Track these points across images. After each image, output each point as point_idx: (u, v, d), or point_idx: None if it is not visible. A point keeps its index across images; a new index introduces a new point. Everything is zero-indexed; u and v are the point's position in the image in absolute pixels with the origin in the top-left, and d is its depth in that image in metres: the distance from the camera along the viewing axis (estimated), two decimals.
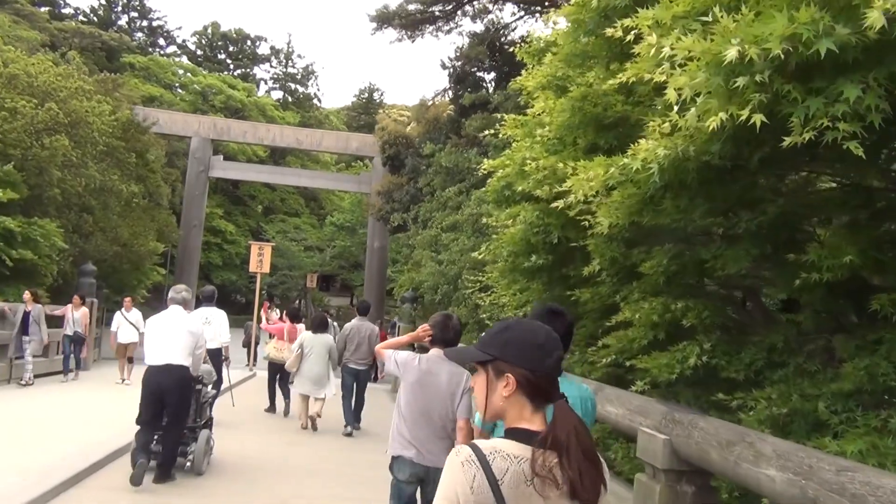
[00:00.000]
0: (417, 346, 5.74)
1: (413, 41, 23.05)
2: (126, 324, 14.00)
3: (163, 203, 27.48)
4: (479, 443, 1.58)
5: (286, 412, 11.37)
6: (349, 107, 68.90)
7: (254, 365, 19.04)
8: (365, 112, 63.48)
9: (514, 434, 1.58)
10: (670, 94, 2.67)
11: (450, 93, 22.29)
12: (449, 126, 20.97)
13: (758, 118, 2.41)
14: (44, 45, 33.93)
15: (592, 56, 4.88)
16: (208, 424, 7.40)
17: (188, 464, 6.92)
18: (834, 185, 4.03)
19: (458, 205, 16.27)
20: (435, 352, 4.13)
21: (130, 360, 13.88)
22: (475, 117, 17.80)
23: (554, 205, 4.21)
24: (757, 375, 4.53)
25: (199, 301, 10.09)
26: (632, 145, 3.50)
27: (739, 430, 2.85)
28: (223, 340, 9.89)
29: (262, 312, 16.44)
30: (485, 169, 8.20)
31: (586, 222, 4.92)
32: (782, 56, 2.28)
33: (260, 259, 19.84)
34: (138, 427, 6.41)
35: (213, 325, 9.51)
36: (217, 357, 9.51)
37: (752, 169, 3.35)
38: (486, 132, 16.76)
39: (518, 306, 9.51)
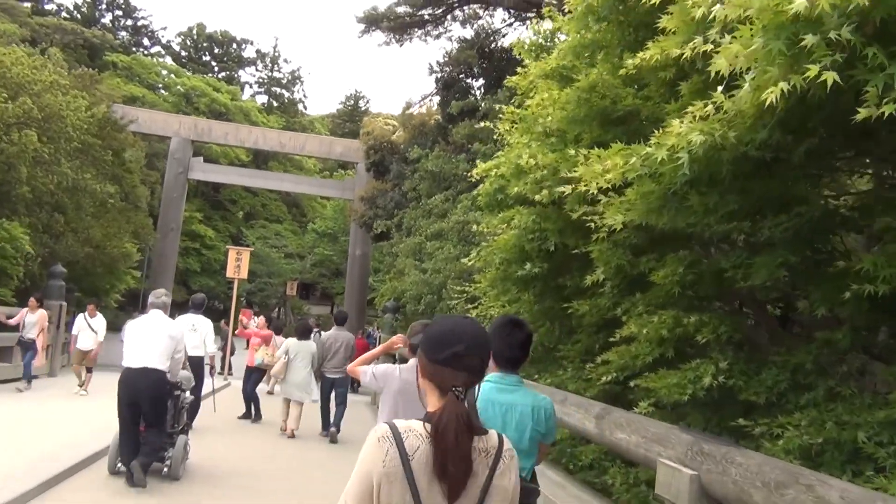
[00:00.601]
0: (398, 357, 5.39)
1: (401, 45, 22.63)
2: (87, 329, 13.12)
3: (141, 205, 26.78)
4: (398, 422, 1.76)
5: (258, 417, 11.69)
6: (334, 114, 68.38)
7: (229, 374, 18.43)
8: (350, 119, 62.94)
9: (427, 417, 1.77)
10: (720, 65, 2.21)
11: (437, 98, 21.85)
12: (436, 132, 20.52)
13: (830, 76, 1.95)
14: (24, 40, 33.10)
15: (603, 46, 4.43)
16: (185, 430, 7.44)
17: (165, 469, 6.94)
18: (872, 185, 3.59)
19: (444, 212, 15.80)
20: (414, 361, 3.88)
21: (89, 370, 13.00)
22: (463, 124, 17.36)
23: (561, 189, 3.71)
24: (779, 399, 4.08)
25: (188, 307, 10.04)
26: (656, 132, 3.03)
27: (791, 469, 2.37)
28: (210, 350, 9.93)
29: (241, 318, 15.72)
30: (477, 173, 7.74)
31: (592, 225, 4.46)
32: (866, 1, 1.82)
33: (238, 264, 19.25)
34: (118, 429, 6.50)
35: (199, 332, 9.54)
36: (200, 365, 9.47)
37: (795, 162, 2.90)
38: (477, 144, 16.38)
39: None
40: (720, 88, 2.44)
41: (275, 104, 63.29)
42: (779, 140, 2.63)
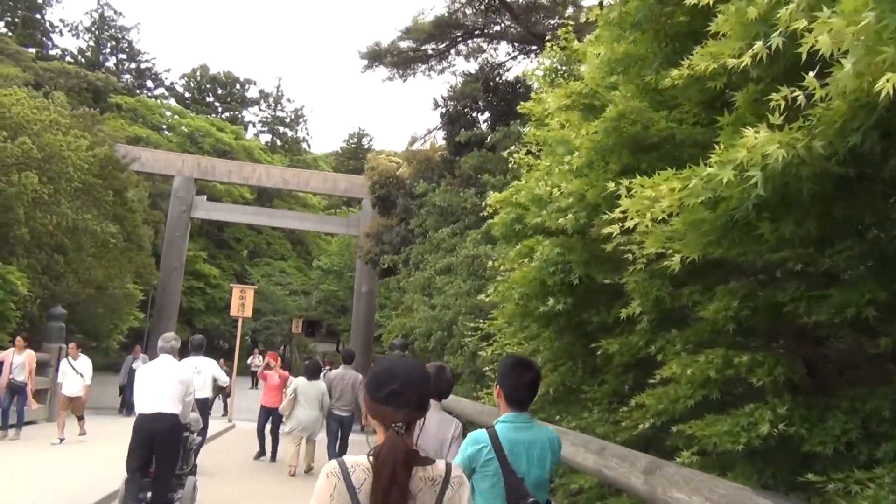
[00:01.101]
0: None
1: (405, 80, 22.49)
2: (72, 373, 12.23)
3: (144, 245, 26.48)
4: (346, 458, 1.93)
5: (273, 457, 11.88)
6: (338, 152, 68.59)
7: (231, 416, 17.93)
8: (353, 157, 63.09)
9: (371, 451, 1.92)
10: (822, 43, 1.80)
11: (442, 133, 21.64)
12: (442, 166, 20.23)
13: None
14: (27, 84, 33.17)
15: (637, 59, 4.05)
16: (193, 471, 7.74)
17: None
18: None
19: (453, 247, 15.39)
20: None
21: (80, 417, 12.33)
22: (471, 155, 17.05)
23: (607, 230, 3.29)
24: (849, 449, 3.62)
25: (188, 350, 10.03)
26: (717, 149, 2.62)
27: None
28: (222, 381, 10.51)
29: (268, 360, 14.71)
30: (491, 204, 7.34)
31: (629, 256, 4.04)
32: None
33: (242, 303, 18.83)
34: (127, 475, 6.58)
35: (203, 374, 9.79)
36: (206, 406, 9.86)
37: (884, 177, 2.49)
38: (486, 176, 16.04)
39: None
40: (811, 74, 2.03)
41: (278, 143, 63.53)
42: (870, 149, 2.23)
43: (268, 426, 12.19)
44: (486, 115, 21.59)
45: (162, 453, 6.68)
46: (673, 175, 2.82)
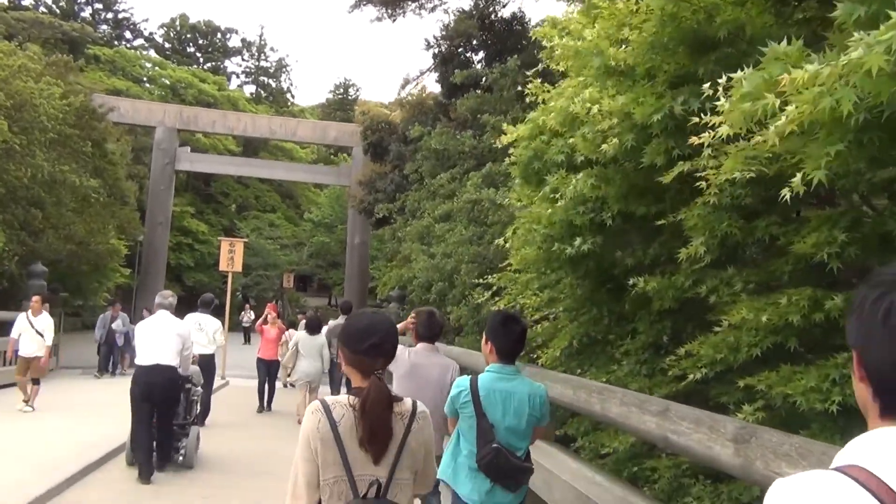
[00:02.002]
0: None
1: (394, 20, 21.35)
2: (30, 331, 10.67)
3: (129, 200, 25.51)
4: (327, 398, 2.29)
5: (269, 407, 12.54)
6: (324, 104, 66.98)
7: (224, 373, 17.33)
8: (340, 108, 61.55)
9: (353, 391, 2.27)
10: None
11: (434, 75, 20.64)
12: (436, 110, 19.34)
13: None
14: None
15: None
16: (196, 421, 8.06)
17: (180, 458, 7.48)
18: None
19: (451, 192, 14.63)
20: (421, 346, 4.62)
21: (36, 381, 10.65)
22: (468, 97, 16.15)
23: (699, 140, 2.57)
24: None
25: (196, 307, 10.39)
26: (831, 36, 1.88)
27: None
28: (219, 342, 10.55)
29: (267, 312, 14.12)
30: (506, 140, 6.58)
31: (702, 183, 3.32)
32: None
33: (231, 256, 18.10)
34: (132, 426, 7.01)
35: (206, 331, 9.88)
36: (210, 363, 9.99)
37: None
38: (486, 117, 15.17)
39: (536, 308, 7.90)
40: None
41: (263, 94, 61.94)
42: None
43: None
44: (481, 54, 20.58)
45: (161, 404, 7.07)
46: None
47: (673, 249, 5.04)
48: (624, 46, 4.14)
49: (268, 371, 12.63)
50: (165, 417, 7.17)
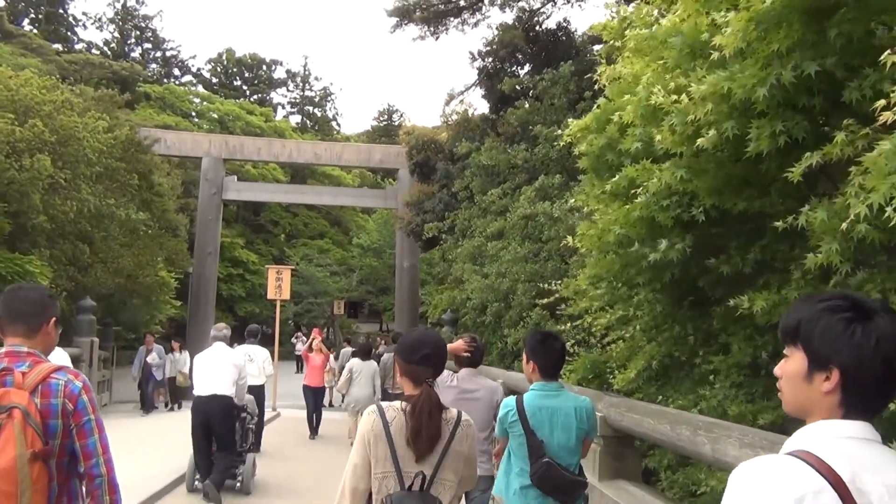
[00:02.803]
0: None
1: (437, 38, 20.89)
2: None
3: (180, 233, 25.48)
4: (383, 403, 2.62)
5: (315, 433, 12.54)
6: (369, 131, 67.23)
7: (274, 403, 16.84)
8: (385, 135, 61.63)
9: (405, 397, 2.60)
10: None
11: (479, 90, 20.06)
12: (482, 125, 18.75)
13: None
14: (50, 75, 32.44)
15: None
16: (252, 449, 8.42)
17: (237, 484, 7.79)
18: None
19: (503, 209, 13.94)
20: (465, 371, 4.68)
21: None
22: (517, 107, 15.48)
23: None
24: None
25: (244, 338, 10.52)
26: None
27: None
28: (269, 372, 10.74)
29: (314, 336, 14.38)
30: (569, 134, 5.88)
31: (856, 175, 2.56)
32: None
33: (279, 284, 17.69)
34: (193, 454, 7.44)
35: (256, 362, 10.06)
36: (260, 393, 10.11)
37: None
38: (539, 128, 14.47)
39: (607, 327, 7.13)
40: None
41: (308, 123, 62.46)
42: None
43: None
44: (527, 67, 19.96)
45: (219, 432, 7.34)
46: None
47: (779, 254, 4.25)
48: (715, 23, 3.42)
49: (314, 398, 12.77)
50: (224, 446, 7.42)
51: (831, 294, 1.43)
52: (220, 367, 7.41)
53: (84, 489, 2.61)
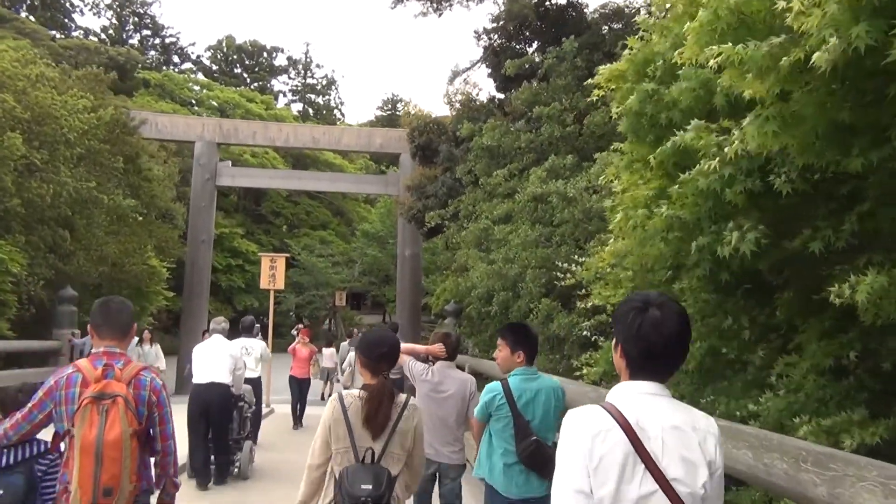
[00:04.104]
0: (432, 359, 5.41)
1: (440, 14, 19.83)
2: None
3: (177, 222, 24.44)
4: (343, 391, 3.19)
5: (300, 423, 13.04)
6: (373, 120, 66.12)
7: (269, 399, 15.89)
8: (389, 124, 60.45)
9: (364, 386, 3.14)
10: None
11: (486, 70, 18.96)
12: (489, 105, 17.68)
13: None
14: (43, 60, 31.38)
15: None
16: (250, 436, 8.72)
17: (235, 470, 8.16)
18: None
19: (511, 191, 12.89)
20: (441, 363, 5.01)
21: None
22: (523, 89, 14.40)
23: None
24: None
25: (239, 331, 10.36)
26: None
27: None
28: (266, 357, 10.78)
29: (302, 336, 14.19)
30: (600, 84, 4.82)
31: None
32: None
33: (272, 273, 16.70)
34: (190, 443, 7.64)
35: (253, 354, 10.03)
36: (258, 385, 10.17)
37: None
38: (540, 108, 13.41)
39: None
40: None
41: (311, 112, 61.38)
42: None
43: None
44: (535, 46, 18.86)
45: (217, 419, 7.63)
46: None
47: (884, 225, 3.21)
48: None
49: (300, 388, 13.27)
50: (220, 432, 7.70)
51: (642, 293, 2.03)
52: (218, 357, 7.73)
53: (152, 461, 3.43)
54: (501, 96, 18.06)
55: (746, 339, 4.68)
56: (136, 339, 15.37)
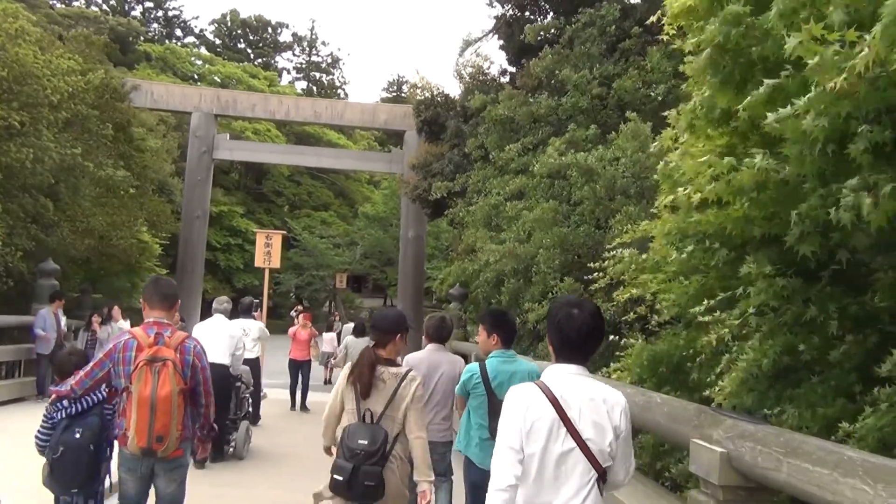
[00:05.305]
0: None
1: None
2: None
3: (175, 198, 23.51)
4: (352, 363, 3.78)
5: (304, 406, 13.23)
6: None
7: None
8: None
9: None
10: None
11: (497, 39, 17.92)
12: (499, 78, 16.69)
13: None
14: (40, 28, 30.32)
15: None
16: (247, 417, 8.85)
17: (231, 450, 8.26)
18: None
19: (524, 167, 11.93)
20: (432, 346, 5.33)
21: None
22: (545, 52, 13.33)
23: None
24: None
25: (238, 312, 10.23)
26: None
27: None
28: (265, 336, 10.94)
29: (305, 320, 13.83)
30: (669, 20, 3.85)
31: None
32: None
33: (268, 251, 15.81)
34: None
35: (251, 335, 9.89)
36: (256, 366, 10.18)
37: None
38: (566, 72, 12.34)
39: (680, 305, 5.14)
40: None
41: (314, 90, 60.16)
42: None
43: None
44: (549, 18, 17.80)
45: (215, 399, 8.21)
46: None
47: None
48: None
49: (300, 371, 13.24)
50: (218, 412, 7.97)
51: (573, 297, 3.00)
52: (218, 338, 7.68)
53: (194, 413, 4.18)
54: (513, 70, 17.04)
55: (832, 333, 3.75)
56: (100, 318, 14.32)
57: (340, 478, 3.43)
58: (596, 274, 6.37)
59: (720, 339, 4.29)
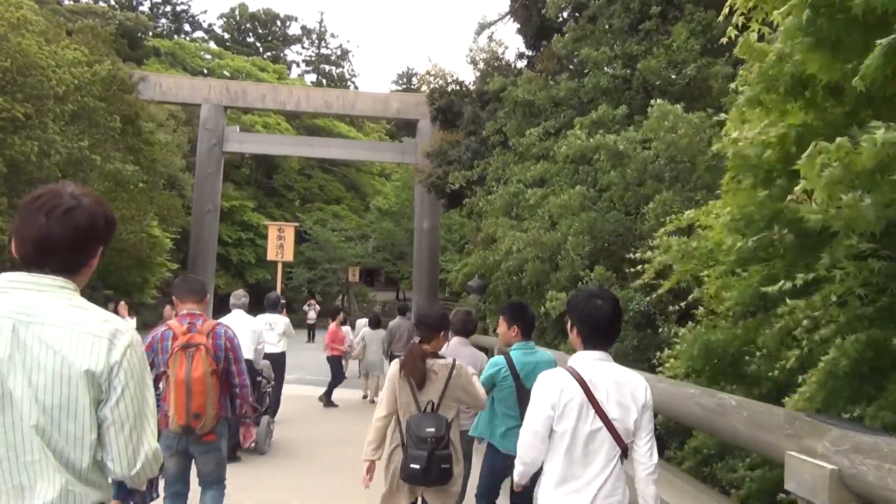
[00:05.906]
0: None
1: None
2: None
3: (186, 193, 23.15)
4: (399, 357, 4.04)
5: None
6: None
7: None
8: None
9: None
10: None
11: (514, 23, 17.39)
12: (516, 62, 16.20)
13: None
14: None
15: None
16: (268, 411, 8.83)
17: (252, 444, 7.85)
18: None
19: (545, 152, 11.44)
20: (457, 339, 5.52)
21: None
22: (569, 27, 12.77)
23: None
24: None
25: (264, 307, 10.28)
26: None
27: None
28: (290, 334, 10.49)
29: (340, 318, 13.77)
30: None
31: None
32: None
33: (280, 244, 15.43)
34: None
35: (276, 330, 9.89)
36: (280, 360, 10.01)
37: None
38: (586, 50, 11.80)
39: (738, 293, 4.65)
40: None
41: (324, 82, 59.71)
42: None
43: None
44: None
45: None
46: None
47: None
48: None
49: (339, 367, 13.11)
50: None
51: (593, 288, 3.03)
52: (240, 333, 7.60)
53: (230, 395, 4.56)
54: (531, 53, 16.52)
55: None
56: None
57: (417, 466, 3.61)
58: (640, 266, 5.86)
59: (787, 330, 3.81)
